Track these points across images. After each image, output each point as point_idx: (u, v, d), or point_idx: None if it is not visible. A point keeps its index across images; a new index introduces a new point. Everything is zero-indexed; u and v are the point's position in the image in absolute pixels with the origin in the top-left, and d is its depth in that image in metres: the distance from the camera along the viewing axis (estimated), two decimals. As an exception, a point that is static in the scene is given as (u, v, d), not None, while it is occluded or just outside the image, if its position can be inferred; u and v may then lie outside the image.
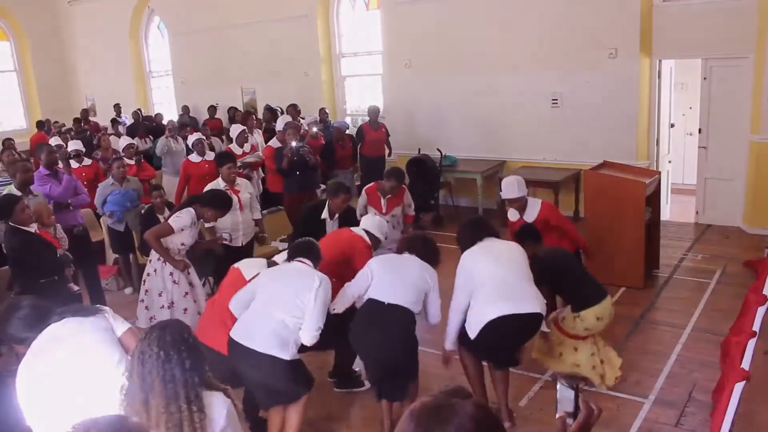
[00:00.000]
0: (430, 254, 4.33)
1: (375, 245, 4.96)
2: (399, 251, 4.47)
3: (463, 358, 4.36)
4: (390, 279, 4.13)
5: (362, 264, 4.36)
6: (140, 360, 2.27)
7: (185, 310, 5.18)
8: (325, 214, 5.68)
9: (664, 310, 6.11)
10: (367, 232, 4.93)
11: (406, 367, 4.11)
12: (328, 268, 4.29)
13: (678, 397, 4.57)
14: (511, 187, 5.45)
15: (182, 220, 5.10)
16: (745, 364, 3.35)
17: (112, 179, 7.04)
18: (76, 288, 5.30)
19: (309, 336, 3.76)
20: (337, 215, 5.66)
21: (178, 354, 2.27)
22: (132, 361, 2.33)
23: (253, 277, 4.07)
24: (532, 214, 5.38)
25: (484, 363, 4.41)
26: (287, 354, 3.74)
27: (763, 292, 4.06)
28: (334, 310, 4.17)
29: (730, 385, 3.15)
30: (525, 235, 4.89)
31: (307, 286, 3.80)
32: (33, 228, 5.04)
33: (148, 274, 5.30)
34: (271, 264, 4.36)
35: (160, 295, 5.18)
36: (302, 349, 3.97)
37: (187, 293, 5.22)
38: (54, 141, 8.78)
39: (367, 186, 6.26)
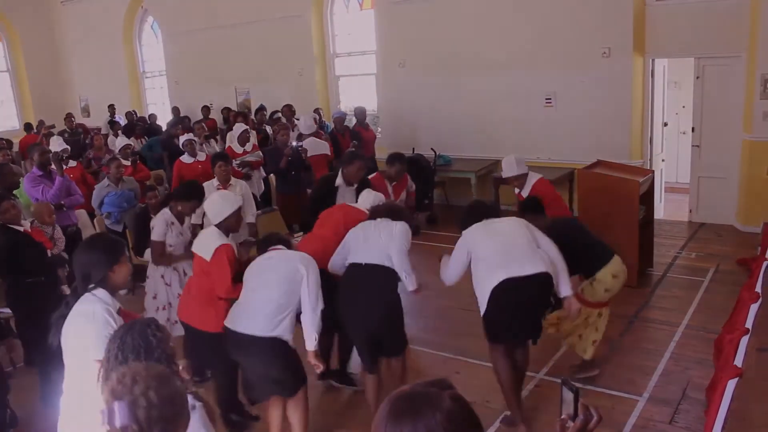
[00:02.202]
0: (395, 212, 4.49)
1: None
2: (371, 218, 4.54)
3: (495, 363, 4.27)
4: (364, 243, 4.29)
5: None
6: (106, 359, 2.32)
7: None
8: (339, 181, 5.71)
9: (658, 308, 6.13)
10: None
11: (392, 325, 4.23)
12: (335, 246, 4.46)
13: (672, 394, 4.58)
14: (510, 165, 5.58)
15: (158, 228, 5.08)
16: (738, 361, 3.36)
17: (108, 180, 7.02)
18: (67, 291, 5.25)
19: (310, 317, 3.81)
20: (355, 185, 5.68)
21: (136, 356, 2.27)
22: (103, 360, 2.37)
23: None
24: (527, 190, 5.50)
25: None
26: (286, 336, 3.81)
27: (756, 290, 4.09)
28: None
29: (724, 383, 3.17)
30: (525, 208, 4.91)
31: (295, 269, 3.85)
32: (23, 227, 5.02)
33: (147, 277, 5.28)
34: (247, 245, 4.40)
35: (154, 297, 5.17)
36: None
37: (180, 295, 5.18)
38: (54, 142, 8.70)
39: (371, 176, 6.19)
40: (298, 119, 10.11)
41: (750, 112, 7.80)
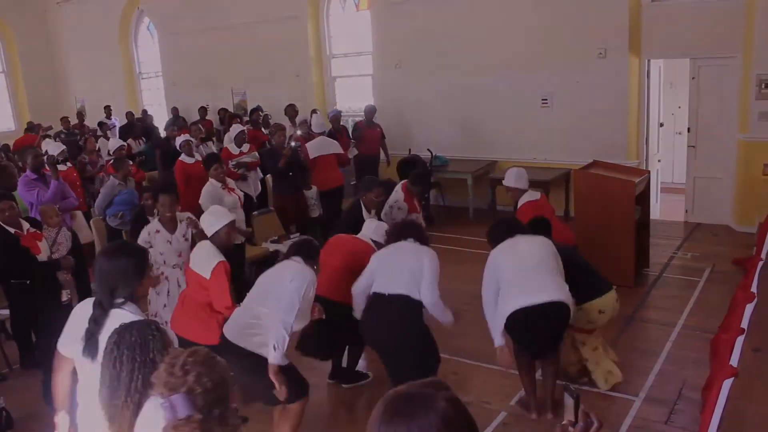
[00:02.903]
0: (422, 236, 4.46)
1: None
2: (396, 239, 4.48)
3: (516, 355, 4.36)
4: (388, 270, 4.22)
5: None
6: (103, 355, 2.32)
7: (165, 323, 5.07)
8: (365, 213, 5.75)
9: (654, 308, 6.14)
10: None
11: (416, 355, 4.14)
12: (342, 276, 4.48)
13: (668, 394, 4.59)
14: (510, 176, 5.65)
15: (141, 235, 5.06)
16: (734, 361, 3.37)
17: (116, 179, 6.99)
18: (65, 298, 5.21)
19: (274, 331, 3.66)
20: (374, 211, 5.75)
21: (131, 352, 2.27)
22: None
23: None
24: (519, 204, 5.55)
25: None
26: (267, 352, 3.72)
27: (752, 290, 4.10)
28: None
29: (719, 382, 3.17)
30: (534, 227, 4.85)
31: (284, 283, 3.84)
32: (24, 228, 5.00)
33: None
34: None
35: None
36: (307, 352, 4.01)
37: (165, 305, 5.05)
38: (48, 144, 8.66)
39: (402, 182, 6.22)
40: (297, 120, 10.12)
41: (745, 112, 7.82)
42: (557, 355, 4.44)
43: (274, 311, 3.72)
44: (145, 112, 13.63)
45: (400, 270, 4.18)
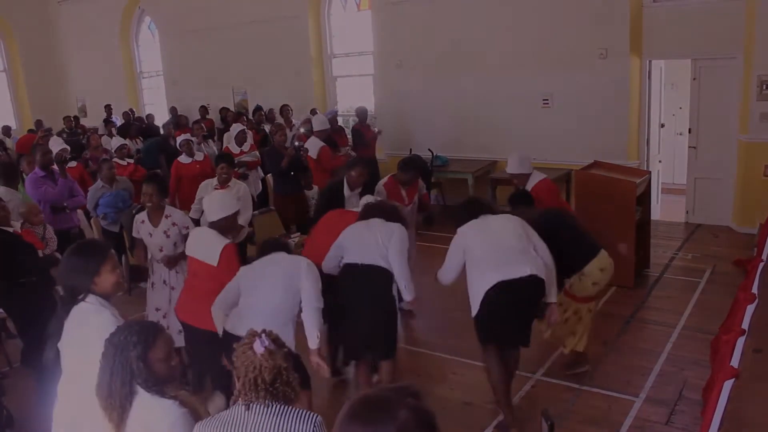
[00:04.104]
0: (389, 212, 4.50)
1: None
2: (365, 218, 4.52)
3: (487, 363, 4.25)
4: (358, 243, 4.30)
5: None
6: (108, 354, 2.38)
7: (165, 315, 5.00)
8: (345, 190, 5.78)
9: (655, 309, 6.14)
10: None
11: (385, 326, 4.26)
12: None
13: (668, 395, 4.59)
14: (513, 162, 5.66)
15: (134, 228, 5.03)
16: (735, 362, 3.36)
17: (102, 182, 7.00)
18: (62, 292, 5.21)
19: (311, 315, 3.79)
20: (358, 190, 5.79)
21: (126, 352, 2.33)
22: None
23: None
24: (528, 188, 5.51)
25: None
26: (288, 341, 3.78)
27: (752, 291, 4.09)
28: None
29: (720, 383, 3.17)
30: (517, 200, 4.95)
31: (295, 268, 3.88)
32: (13, 228, 5.00)
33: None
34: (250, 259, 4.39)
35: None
36: None
37: (158, 309, 5.02)
38: (54, 142, 8.65)
39: (384, 182, 6.10)
40: (294, 122, 10.13)
41: (746, 113, 7.82)
42: (525, 345, 4.31)
43: (306, 302, 3.80)
44: (132, 112, 13.62)
45: (369, 243, 4.27)
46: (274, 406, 2.21)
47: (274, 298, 3.80)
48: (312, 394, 4.02)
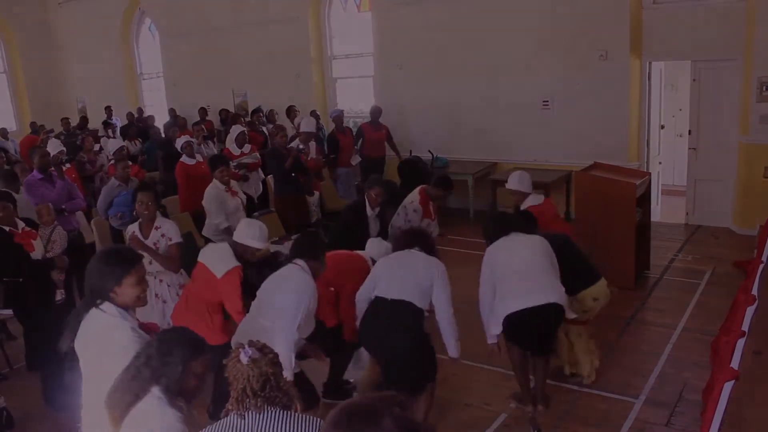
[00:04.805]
0: (432, 246, 4.37)
1: None
2: (402, 248, 4.37)
3: (509, 350, 4.39)
4: (393, 276, 4.12)
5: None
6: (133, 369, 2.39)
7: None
8: (368, 210, 5.75)
9: (655, 310, 6.14)
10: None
11: (415, 362, 4.03)
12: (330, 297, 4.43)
13: (668, 396, 4.59)
14: (512, 179, 5.65)
15: (126, 240, 4.89)
16: (735, 363, 3.36)
17: (117, 180, 6.99)
18: (59, 297, 5.18)
19: (282, 340, 3.60)
20: (377, 210, 5.76)
21: (171, 349, 2.35)
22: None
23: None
24: (522, 208, 5.52)
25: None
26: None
27: (752, 293, 4.09)
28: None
29: (720, 385, 3.17)
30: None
31: (285, 291, 3.82)
32: (18, 227, 5.00)
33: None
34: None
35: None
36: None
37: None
38: (51, 144, 8.65)
39: (418, 199, 5.98)
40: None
41: (746, 114, 7.83)
42: (549, 353, 4.49)
43: (277, 326, 3.69)
44: (141, 111, 13.65)
45: (406, 277, 4.08)
46: (270, 411, 2.21)
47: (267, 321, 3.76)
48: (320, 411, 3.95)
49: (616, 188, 6.45)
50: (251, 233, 4.20)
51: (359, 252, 4.84)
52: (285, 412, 2.23)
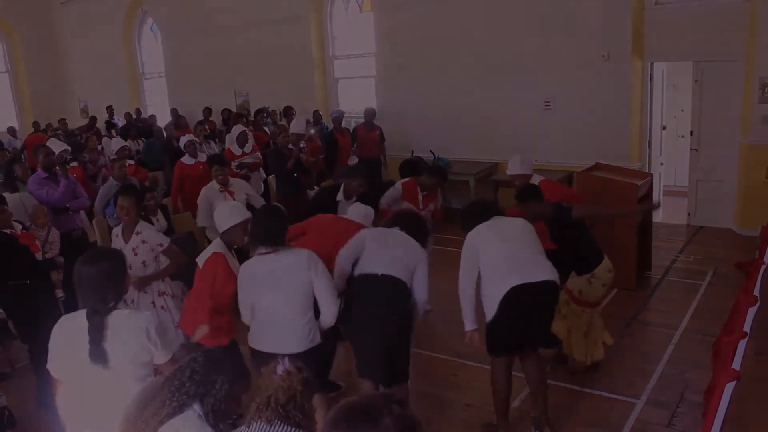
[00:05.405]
0: (418, 231, 4.27)
1: None
2: (388, 226, 4.35)
3: (495, 373, 4.17)
4: (381, 251, 4.06)
5: None
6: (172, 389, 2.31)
7: None
8: (339, 196, 5.65)
9: (656, 311, 6.14)
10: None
11: (401, 343, 4.00)
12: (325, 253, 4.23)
13: (670, 397, 4.59)
14: (514, 164, 5.67)
15: (112, 241, 4.80)
16: (736, 364, 3.36)
17: (115, 180, 7.00)
18: (60, 295, 5.19)
19: (330, 313, 3.76)
20: (354, 198, 5.59)
21: (218, 368, 2.32)
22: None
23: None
24: None
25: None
26: (318, 339, 3.79)
27: (754, 293, 4.09)
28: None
29: (721, 386, 3.16)
30: (526, 195, 4.74)
31: (304, 276, 3.72)
32: (14, 230, 5.00)
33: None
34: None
35: None
36: None
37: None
38: (52, 143, 8.64)
39: (404, 181, 6.02)
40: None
41: (748, 115, 7.82)
42: (547, 345, 4.28)
43: (324, 304, 3.76)
44: (139, 112, 13.65)
45: (394, 257, 4.04)
46: (280, 425, 2.12)
47: (296, 307, 3.73)
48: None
49: (617, 189, 6.45)
50: (223, 215, 4.04)
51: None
52: (292, 430, 2.14)
